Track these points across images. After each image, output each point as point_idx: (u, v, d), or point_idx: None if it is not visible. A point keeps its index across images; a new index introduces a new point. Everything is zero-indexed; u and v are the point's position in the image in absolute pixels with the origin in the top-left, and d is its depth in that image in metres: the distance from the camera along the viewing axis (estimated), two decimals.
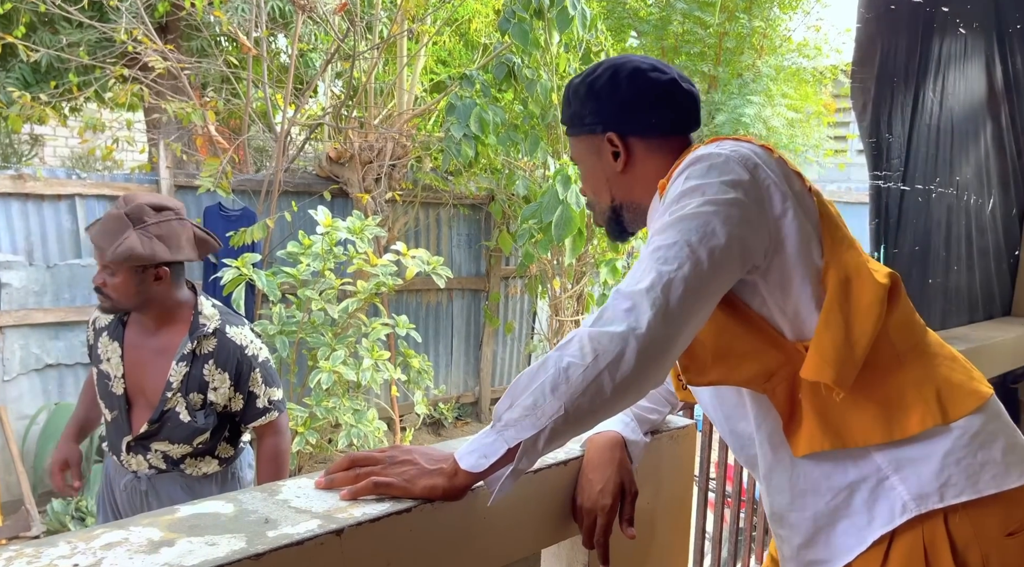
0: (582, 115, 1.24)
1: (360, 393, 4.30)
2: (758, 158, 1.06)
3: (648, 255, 0.99)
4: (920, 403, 1.05)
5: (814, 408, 1.06)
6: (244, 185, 4.83)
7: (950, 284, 2.60)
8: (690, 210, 1.00)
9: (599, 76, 1.23)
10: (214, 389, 2.05)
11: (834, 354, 1.02)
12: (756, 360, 1.07)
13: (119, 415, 2.07)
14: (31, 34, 5.82)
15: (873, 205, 2.38)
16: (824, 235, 1.07)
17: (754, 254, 1.03)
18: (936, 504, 1.01)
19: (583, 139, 1.26)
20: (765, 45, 7.75)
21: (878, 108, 2.28)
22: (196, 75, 5.75)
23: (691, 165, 1.05)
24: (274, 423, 2.16)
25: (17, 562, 0.78)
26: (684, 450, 1.44)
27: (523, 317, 6.71)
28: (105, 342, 2.08)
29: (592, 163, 1.26)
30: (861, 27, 2.28)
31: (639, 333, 0.91)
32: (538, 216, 4.62)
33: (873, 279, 1.06)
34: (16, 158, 8.51)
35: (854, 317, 1.03)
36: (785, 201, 1.05)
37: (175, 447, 2.06)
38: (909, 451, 1.04)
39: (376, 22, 5.31)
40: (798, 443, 1.08)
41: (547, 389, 0.92)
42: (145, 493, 2.12)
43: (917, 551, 1.01)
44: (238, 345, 2.08)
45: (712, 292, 0.99)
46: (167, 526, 0.87)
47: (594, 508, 1.15)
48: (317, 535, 0.86)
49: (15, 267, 4.21)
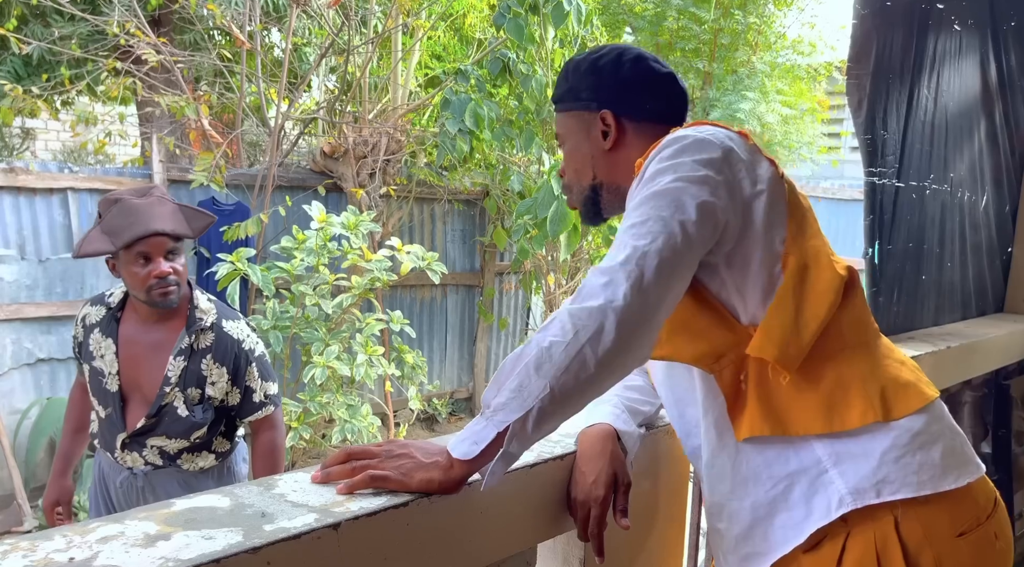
0: (579, 90, 1.26)
1: (354, 388, 4.30)
2: (731, 142, 1.09)
3: (623, 231, 1.01)
4: (863, 398, 1.06)
5: (758, 393, 1.08)
6: (238, 179, 4.81)
7: (943, 280, 2.61)
8: (661, 186, 1.02)
9: (605, 54, 1.26)
10: (212, 383, 2.04)
11: (780, 333, 1.04)
12: (707, 339, 1.09)
13: (113, 412, 2.04)
14: (22, 27, 5.78)
15: (868, 202, 2.39)
16: (790, 223, 1.09)
17: (724, 230, 1.05)
18: (872, 499, 1.01)
19: (574, 115, 1.28)
20: (760, 41, 7.76)
21: (873, 104, 2.29)
22: (189, 69, 5.73)
23: (666, 146, 1.08)
24: (270, 417, 2.15)
25: (12, 556, 0.78)
26: (679, 444, 1.44)
27: (517, 313, 6.71)
28: (98, 339, 2.05)
29: (578, 140, 1.28)
30: (857, 23, 2.28)
31: (616, 305, 0.93)
32: (533, 212, 4.62)
33: (832, 268, 1.09)
34: (7, 152, 8.46)
35: (806, 301, 1.06)
36: (755, 185, 1.08)
37: (172, 442, 2.04)
38: (849, 445, 1.05)
39: (370, 16, 5.29)
40: (740, 426, 1.10)
41: (531, 369, 0.93)
42: (142, 489, 2.10)
43: (869, 555, 1.02)
44: (235, 339, 2.07)
45: (686, 264, 1.01)
46: (163, 520, 0.86)
47: (587, 500, 1.15)
48: (314, 529, 0.86)
49: (7, 261, 4.19)
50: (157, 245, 1.91)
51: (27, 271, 4.26)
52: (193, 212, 2.03)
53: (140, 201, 1.93)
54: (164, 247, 1.92)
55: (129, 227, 1.88)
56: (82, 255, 1.90)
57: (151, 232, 1.89)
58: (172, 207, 1.99)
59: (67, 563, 0.77)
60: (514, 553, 1.15)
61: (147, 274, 1.91)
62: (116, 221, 1.90)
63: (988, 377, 2.63)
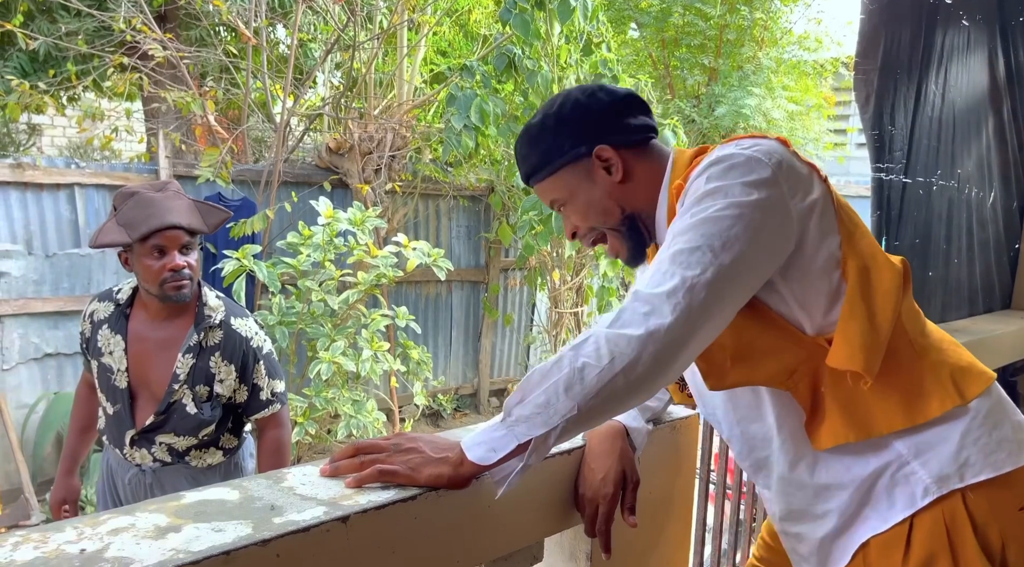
0: (559, 147, 1.19)
1: (359, 384, 4.31)
2: (779, 155, 1.04)
3: (668, 258, 0.97)
4: (938, 386, 1.06)
5: (837, 401, 1.07)
6: (244, 175, 4.82)
7: (950, 277, 2.60)
8: (712, 213, 0.98)
9: (560, 105, 1.20)
10: (220, 381, 2.04)
11: (861, 341, 1.02)
12: (777, 358, 1.07)
13: (122, 409, 2.04)
14: (29, 23, 5.78)
15: (875, 197, 2.38)
16: (841, 227, 1.07)
17: (778, 256, 1.02)
18: (957, 484, 1.03)
19: (564, 174, 1.20)
20: (766, 37, 7.74)
21: (881, 100, 2.28)
22: (195, 65, 5.73)
23: (711, 166, 1.03)
24: (276, 415, 2.15)
25: (24, 547, 0.78)
26: (687, 441, 1.44)
27: (522, 309, 6.71)
28: (106, 335, 2.04)
29: (586, 191, 1.20)
30: (865, 18, 2.28)
31: (657, 337, 0.91)
32: (538, 208, 4.62)
33: (890, 265, 1.08)
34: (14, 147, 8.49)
35: (876, 304, 1.04)
36: (805, 198, 1.04)
37: (180, 439, 2.05)
38: (928, 435, 1.05)
39: (376, 12, 5.29)
40: (820, 437, 1.08)
41: (561, 388, 0.93)
42: (150, 486, 2.10)
43: (939, 530, 1.03)
44: (244, 336, 2.07)
45: (734, 299, 0.98)
46: (173, 512, 0.87)
47: (596, 497, 1.15)
48: (323, 522, 0.86)
49: (14, 256, 4.20)
50: (173, 238, 1.91)
51: (34, 266, 4.28)
52: (208, 208, 2.03)
53: (157, 195, 1.93)
54: (179, 241, 1.92)
55: (146, 220, 1.88)
56: (98, 245, 1.90)
57: (167, 225, 1.89)
58: (188, 202, 1.99)
59: (78, 554, 0.77)
60: (521, 547, 1.16)
61: (161, 267, 1.91)
62: (132, 213, 1.90)
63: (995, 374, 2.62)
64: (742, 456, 1.24)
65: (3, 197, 4.14)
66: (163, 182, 2.01)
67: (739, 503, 2.58)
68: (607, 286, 5.24)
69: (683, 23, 7.52)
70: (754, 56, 7.54)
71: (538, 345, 6.57)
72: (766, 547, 1.44)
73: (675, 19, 7.49)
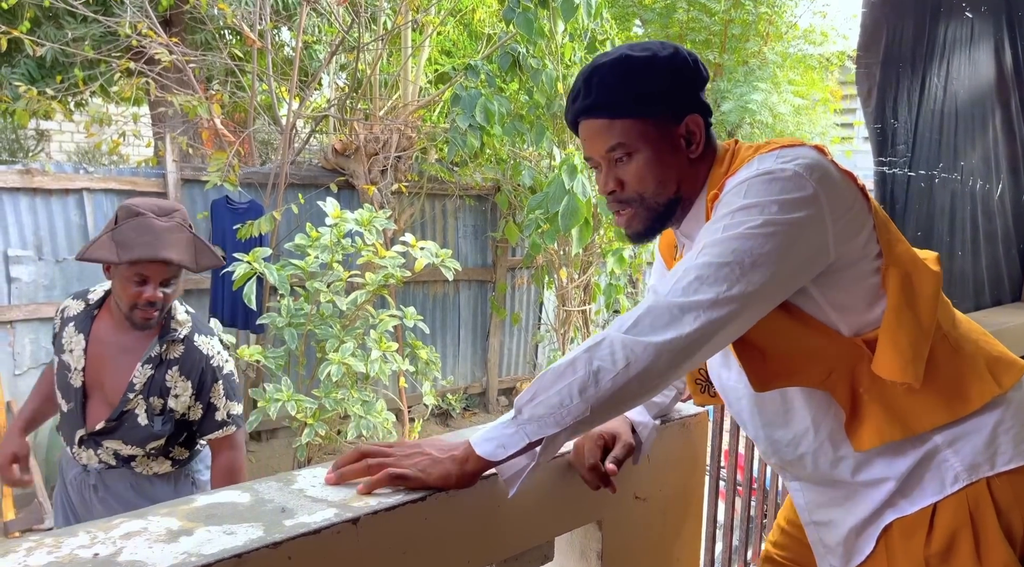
0: (661, 95, 1.10)
1: (368, 384, 4.31)
2: (821, 171, 1.01)
3: (698, 266, 0.96)
4: (976, 378, 1.08)
5: (878, 400, 1.07)
6: (250, 178, 4.84)
7: (955, 270, 2.59)
8: (746, 229, 0.97)
9: (672, 56, 1.12)
10: (175, 396, 2.02)
11: (912, 352, 1.02)
12: (816, 359, 1.08)
13: (75, 407, 2.03)
14: (36, 29, 5.82)
15: (878, 191, 2.38)
16: (879, 235, 1.07)
17: (808, 273, 1.02)
18: (987, 473, 1.04)
19: (647, 124, 1.10)
20: (771, 32, 7.71)
21: (883, 93, 2.27)
22: (201, 68, 5.76)
23: (755, 179, 1.00)
24: (231, 437, 2.13)
25: (38, 552, 0.79)
26: (696, 437, 1.44)
27: (530, 307, 6.71)
28: (71, 332, 2.04)
29: (659, 153, 1.11)
30: (867, 11, 2.27)
31: (675, 347, 0.92)
32: (544, 206, 4.62)
33: (929, 269, 1.07)
34: (23, 153, 8.54)
35: (920, 310, 1.05)
36: (846, 209, 1.03)
37: (127, 447, 2.03)
38: (965, 426, 1.06)
39: (380, 13, 5.30)
40: (862, 438, 1.09)
41: (575, 390, 0.93)
42: (94, 487, 2.08)
43: (963, 514, 1.04)
44: (204, 354, 2.05)
45: (756, 314, 0.99)
46: (185, 515, 0.88)
47: (582, 440, 1.16)
48: (333, 524, 0.87)
49: (24, 262, 4.23)
50: (158, 271, 1.90)
51: (44, 271, 4.31)
52: (205, 247, 2.02)
53: (159, 222, 1.92)
54: (164, 275, 1.91)
55: (140, 245, 1.87)
56: (86, 259, 1.90)
57: (158, 259, 1.88)
58: (188, 237, 1.97)
59: (91, 559, 0.78)
60: (532, 546, 1.16)
61: (137, 294, 1.90)
62: (130, 235, 1.89)
63: None
64: (767, 455, 1.25)
65: (13, 203, 4.17)
66: (171, 207, 2.00)
67: (750, 500, 2.58)
68: (614, 283, 5.23)
69: (687, 19, 7.49)
70: (759, 51, 7.51)
71: (546, 343, 6.57)
72: (782, 534, 1.45)
73: (679, 15, 7.46)
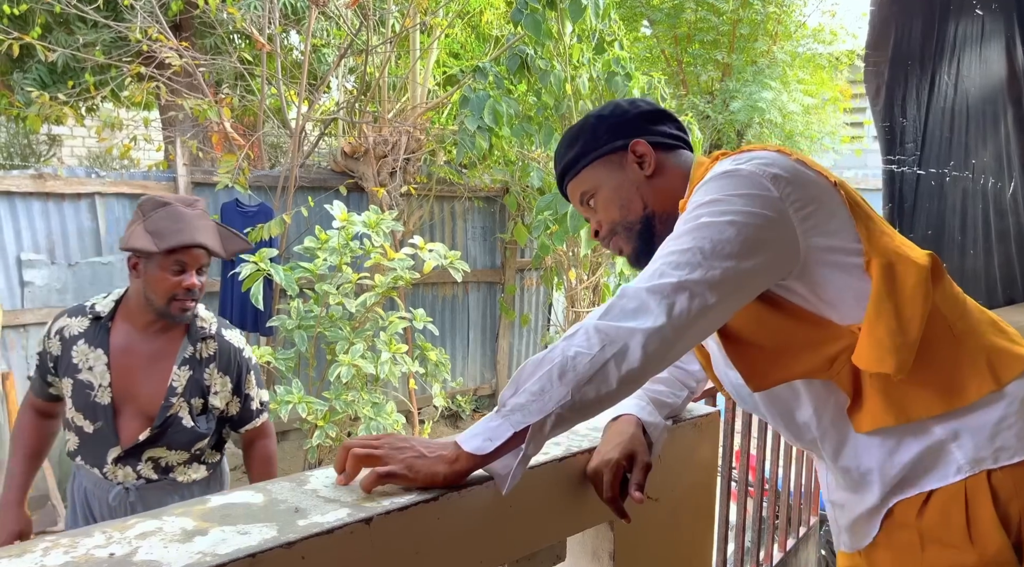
0: (596, 141, 1.26)
1: (378, 386, 4.32)
2: (778, 167, 1.07)
3: (661, 256, 1.02)
4: (974, 371, 1.08)
5: (875, 387, 1.09)
6: (260, 181, 4.86)
7: (966, 268, 2.58)
8: (705, 219, 1.02)
9: (601, 109, 1.30)
10: (215, 393, 2.01)
11: (890, 342, 1.03)
12: (815, 350, 1.09)
13: (103, 426, 1.95)
14: (47, 35, 5.87)
15: (887, 189, 2.37)
16: (858, 227, 1.08)
17: (777, 266, 1.05)
18: (990, 466, 1.05)
19: (598, 165, 1.27)
20: (780, 31, 7.69)
21: (892, 92, 2.27)
22: (210, 73, 5.79)
23: (713, 179, 1.07)
24: (266, 425, 2.15)
25: (54, 552, 0.80)
26: (708, 438, 1.44)
27: (539, 309, 6.71)
28: (83, 350, 1.96)
29: (616, 180, 1.26)
30: (875, 10, 2.26)
31: (645, 330, 0.95)
32: (553, 207, 4.62)
33: (914, 262, 1.08)
34: (35, 158, 8.61)
35: (902, 302, 1.05)
36: (813, 204, 1.06)
37: (172, 453, 1.99)
38: (966, 419, 1.07)
39: (388, 16, 5.32)
40: (861, 420, 1.11)
41: (555, 376, 0.95)
42: (133, 505, 2.00)
43: (959, 497, 1.06)
44: (236, 347, 2.06)
45: (725, 301, 1.00)
46: (199, 516, 0.88)
47: (600, 465, 1.15)
48: (346, 523, 0.87)
49: (37, 266, 4.26)
50: (196, 257, 1.90)
51: (57, 275, 4.34)
52: (228, 233, 2.03)
53: (187, 210, 1.92)
54: (200, 261, 1.91)
55: (176, 233, 1.87)
56: (128, 248, 1.88)
57: (196, 243, 1.88)
58: (213, 224, 1.99)
59: (107, 559, 0.79)
60: (544, 546, 1.16)
61: (177, 283, 1.88)
62: (163, 224, 1.87)
63: None
64: (793, 441, 1.27)
65: (25, 207, 4.20)
66: (192, 198, 2.00)
67: (762, 501, 2.57)
68: (624, 284, 5.22)
69: (696, 19, 7.49)
70: (768, 50, 7.49)
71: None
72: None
73: (688, 15, 7.46)
